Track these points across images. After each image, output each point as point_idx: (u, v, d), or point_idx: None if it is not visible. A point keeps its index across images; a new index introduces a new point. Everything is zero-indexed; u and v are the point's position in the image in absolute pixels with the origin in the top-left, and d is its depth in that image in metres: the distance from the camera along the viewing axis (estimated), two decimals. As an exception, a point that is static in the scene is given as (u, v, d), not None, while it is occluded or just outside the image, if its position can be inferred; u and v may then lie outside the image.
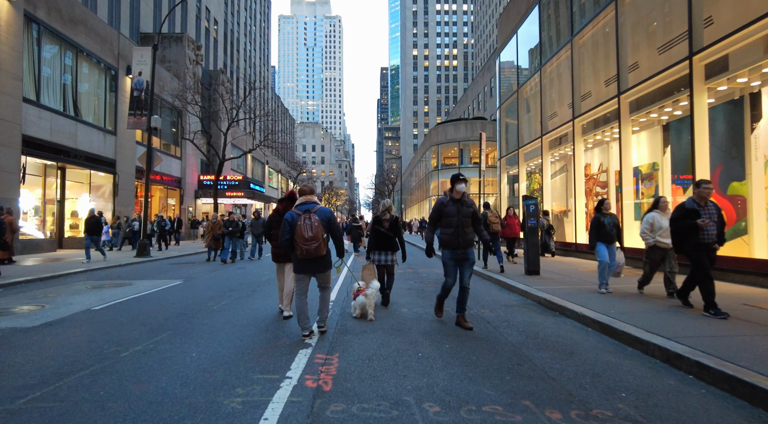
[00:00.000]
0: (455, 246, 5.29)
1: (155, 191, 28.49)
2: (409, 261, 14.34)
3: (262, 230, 14.24)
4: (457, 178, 5.26)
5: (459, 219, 5.22)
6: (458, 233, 5.25)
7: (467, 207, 5.28)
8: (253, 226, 14.94)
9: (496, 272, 10.24)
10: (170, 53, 30.74)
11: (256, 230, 14.77)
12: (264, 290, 8.27)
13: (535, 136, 17.92)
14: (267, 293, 7.99)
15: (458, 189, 5.24)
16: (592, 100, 13.66)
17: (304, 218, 4.65)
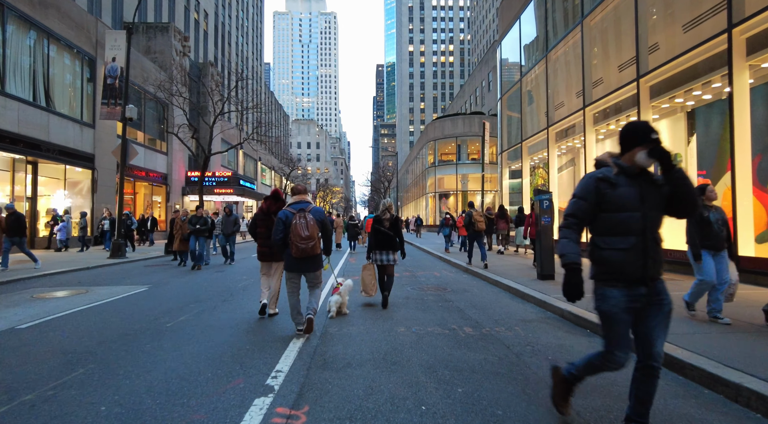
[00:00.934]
0: (638, 276, 2.45)
1: (140, 188, 27.20)
2: (405, 262, 13.18)
3: (233, 228, 12.61)
4: (646, 131, 2.47)
5: (645, 215, 2.43)
6: (644, 245, 2.43)
7: (658, 188, 2.47)
8: (223, 224, 12.76)
9: (480, 267, 9.19)
10: (156, 44, 29.39)
11: (227, 228, 12.75)
12: (236, 300, 7.08)
13: (540, 127, 16.78)
14: (239, 303, 6.81)
15: (641, 160, 2.43)
16: (604, 87, 12.53)
17: (299, 216, 4.64)
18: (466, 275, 10.47)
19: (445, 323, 5.35)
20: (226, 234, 12.83)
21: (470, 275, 10.34)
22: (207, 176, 31.24)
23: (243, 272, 11.03)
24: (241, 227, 34.30)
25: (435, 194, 44.08)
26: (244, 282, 9.17)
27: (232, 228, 12.74)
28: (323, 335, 4.86)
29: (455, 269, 11.64)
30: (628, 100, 11.29)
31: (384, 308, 6.35)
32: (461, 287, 8.41)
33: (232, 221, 12.73)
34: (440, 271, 11.23)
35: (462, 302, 6.87)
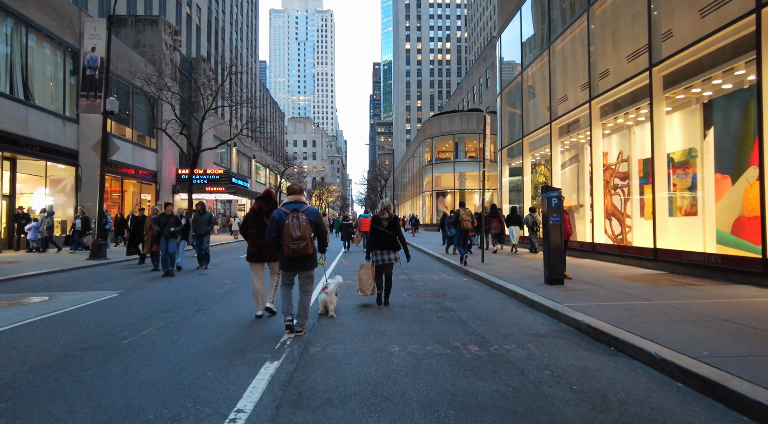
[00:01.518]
0: None
1: (128, 186, 26.36)
2: (401, 263, 12.46)
3: (207, 228, 11.23)
4: None
5: None
6: None
7: None
8: (195, 223, 11.18)
9: (478, 269, 8.43)
10: (144, 37, 28.51)
11: (200, 228, 11.21)
12: (212, 309, 6.33)
13: (542, 123, 16.07)
14: (213, 313, 6.06)
15: None
16: (613, 78, 11.83)
17: (292, 217, 4.64)
18: (466, 278, 9.76)
19: (446, 340, 4.62)
20: (199, 234, 11.32)
21: (471, 279, 9.62)
22: (198, 174, 30.43)
23: (227, 274, 10.27)
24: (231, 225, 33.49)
25: (432, 193, 43.38)
26: (227, 287, 8.42)
27: (205, 227, 11.31)
28: (303, 354, 4.12)
29: (454, 272, 10.92)
30: (640, 92, 10.58)
31: (386, 306, 6.51)
32: (462, 293, 7.69)
33: (205, 219, 11.29)
34: (439, 274, 10.51)
35: (464, 311, 6.15)
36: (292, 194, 4.99)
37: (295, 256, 4.64)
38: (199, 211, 11.28)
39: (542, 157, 17.18)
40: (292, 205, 4.83)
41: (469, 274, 10.09)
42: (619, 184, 12.38)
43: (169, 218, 10.04)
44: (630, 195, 11.85)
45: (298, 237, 4.56)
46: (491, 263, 11.65)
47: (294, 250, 4.58)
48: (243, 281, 9.17)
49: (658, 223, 9.82)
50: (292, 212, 4.70)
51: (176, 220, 10.02)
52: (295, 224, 4.59)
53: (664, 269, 9.44)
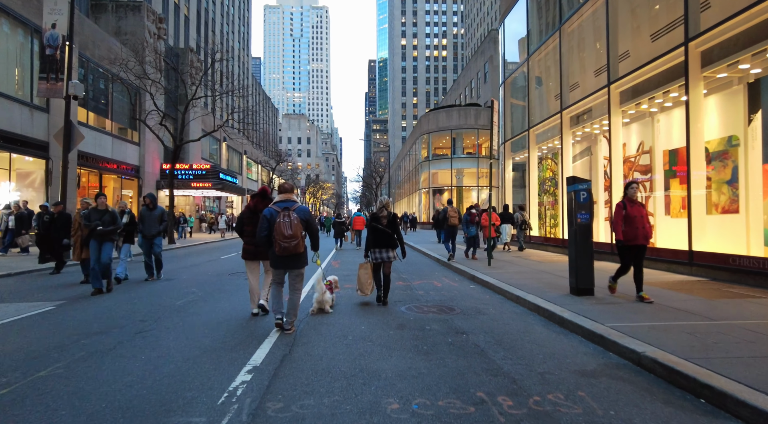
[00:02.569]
0: None
1: (108, 181, 24.85)
2: (397, 266, 11.13)
3: (159, 227, 8.75)
4: None
5: None
6: None
7: None
8: (144, 220, 8.73)
9: (483, 272, 7.12)
10: (126, 24, 26.93)
11: (149, 228, 8.71)
12: (157, 330, 4.97)
13: (550, 112, 14.78)
14: (155, 339, 4.70)
15: None
16: (633, 60, 10.55)
17: (284, 215, 4.66)
18: (473, 285, 8.43)
19: (465, 386, 3.28)
20: (147, 235, 8.73)
21: (479, 286, 8.31)
22: (183, 169, 28.97)
23: (197, 281, 8.89)
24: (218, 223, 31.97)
25: (429, 190, 42.07)
26: (190, 296, 7.05)
27: (156, 227, 8.72)
28: (253, 419, 2.77)
29: (459, 277, 9.60)
30: (671, 71, 9.28)
31: (382, 305, 6.43)
32: (472, 306, 6.36)
33: (155, 216, 8.72)
34: (441, 279, 9.19)
35: (480, 333, 4.83)
36: (284, 193, 4.99)
37: (286, 254, 4.66)
38: (148, 205, 8.83)
39: (549, 150, 15.91)
40: (283, 203, 4.84)
41: (476, 280, 8.78)
42: (639, 178, 11.11)
43: (102, 214, 7.45)
44: (653, 191, 10.60)
45: (289, 235, 4.58)
46: (499, 266, 10.35)
47: (285, 248, 4.60)
48: (212, 289, 7.81)
49: (695, 222, 8.55)
50: (283, 210, 4.70)
51: (112, 217, 7.51)
52: (286, 223, 4.61)
53: (703, 275, 8.17)
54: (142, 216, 8.78)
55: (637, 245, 6.07)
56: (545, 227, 16.28)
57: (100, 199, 7.54)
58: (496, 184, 40.05)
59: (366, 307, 6.36)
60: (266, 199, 5.80)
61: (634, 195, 6.29)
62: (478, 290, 7.84)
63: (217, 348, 4.25)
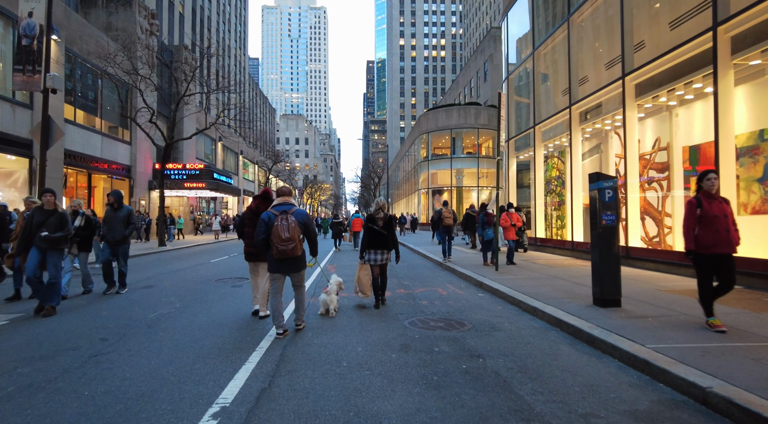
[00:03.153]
0: None
1: (98, 181, 24.05)
2: (398, 271, 10.38)
3: (125, 232, 7.33)
4: None
5: None
6: None
7: None
8: (108, 223, 7.31)
9: (494, 280, 6.38)
10: (117, 20, 26.15)
11: (113, 232, 7.29)
12: (116, 353, 4.19)
13: (558, 108, 14.05)
14: (110, 365, 3.92)
15: None
16: (650, 50, 9.82)
17: (281, 218, 4.65)
18: (482, 293, 7.68)
19: (490, 438, 2.54)
20: (111, 241, 7.32)
21: (488, 294, 7.55)
22: (176, 169, 28.18)
23: (178, 288, 8.12)
24: (212, 224, 31.08)
25: (428, 190, 41.31)
26: (167, 308, 6.28)
27: (122, 231, 7.29)
28: None
29: (465, 283, 8.84)
30: (696, 60, 8.56)
31: (382, 305, 6.47)
32: (485, 319, 5.61)
33: (121, 218, 7.29)
34: (445, 286, 8.43)
35: (499, 356, 4.08)
36: (281, 196, 4.96)
37: (284, 257, 4.64)
38: (113, 204, 7.31)
39: (556, 148, 15.20)
40: (281, 206, 4.82)
41: (484, 287, 8.02)
42: (655, 177, 10.41)
43: (49, 215, 6.12)
44: (670, 190, 9.88)
45: (286, 238, 4.57)
46: (507, 271, 9.60)
47: (283, 251, 4.58)
48: (193, 298, 7.04)
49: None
50: (281, 213, 4.71)
51: (60, 219, 6.14)
52: (284, 226, 4.60)
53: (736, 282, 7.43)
54: (106, 218, 7.33)
55: (719, 253, 4.67)
56: (551, 229, 15.57)
57: (46, 197, 6.23)
58: (501, 185, 39.42)
59: (364, 315, 5.68)
60: (268, 200, 5.70)
61: (713, 188, 4.76)
62: (487, 299, 7.09)
63: (182, 379, 3.49)
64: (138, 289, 8.02)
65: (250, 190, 51.22)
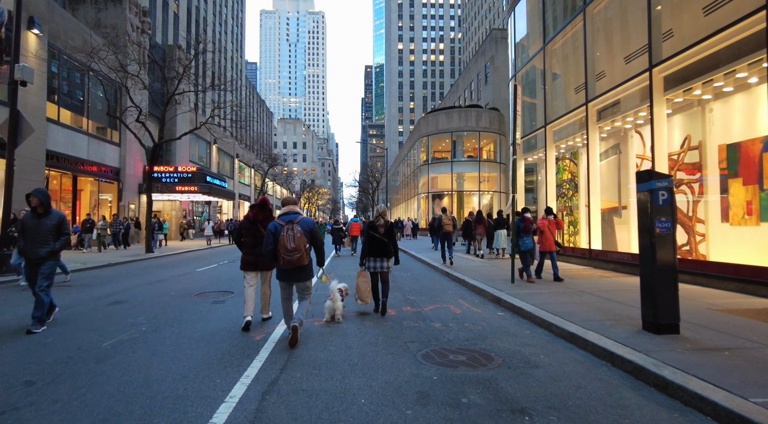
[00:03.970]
0: None
1: (84, 184, 22.99)
2: (401, 282, 9.34)
3: (55, 247, 5.47)
4: None
5: None
6: None
7: None
8: (28, 233, 5.42)
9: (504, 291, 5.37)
10: (106, 17, 25.17)
11: (34, 246, 5.41)
12: (31, 412, 3.14)
13: (572, 106, 13.09)
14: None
15: None
16: (682, 39, 8.87)
17: (287, 228, 4.71)
18: (502, 311, 6.63)
19: None
20: (30, 258, 5.43)
21: (508, 312, 6.51)
22: (168, 172, 27.13)
23: (150, 305, 7.04)
24: (204, 229, 29.92)
25: (428, 195, 40.30)
26: (128, 333, 5.21)
27: (47, 245, 5.44)
28: None
29: (479, 298, 7.80)
30: (741, 46, 7.60)
31: (382, 315, 6.25)
32: (515, 350, 4.56)
33: (48, 227, 5.45)
34: (457, 301, 7.39)
35: (550, 413, 3.02)
36: (287, 205, 5.01)
37: (291, 267, 4.67)
38: (35, 209, 5.47)
39: (568, 149, 14.25)
40: (287, 216, 4.86)
41: (502, 303, 6.98)
42: (684, 179, 9.43)
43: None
44: (704, 194, 8.90)
45: (292, 249, 4.60)
46: (524, 284, 8.57)
47: (289, 261, 4.62)
48: (166, 318, 5.99)
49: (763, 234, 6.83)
50: (287, 223, 4.75)
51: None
52: (289, 236, 4.64)
53: None
54: (25, 227, 5.44)
55: None
56: (563, 235, 14.58)
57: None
58: (503, 189, 38.41)
59: (367, 342, 4.75)
60: (266, 209, 5.68)
61: None
62: (509, 319, 6.05)
63: None
64: (105, 306, 6.95)
65: (246, 195, 50.12)
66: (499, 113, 38.12)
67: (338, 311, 5.82)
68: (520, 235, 9.11)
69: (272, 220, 5.21)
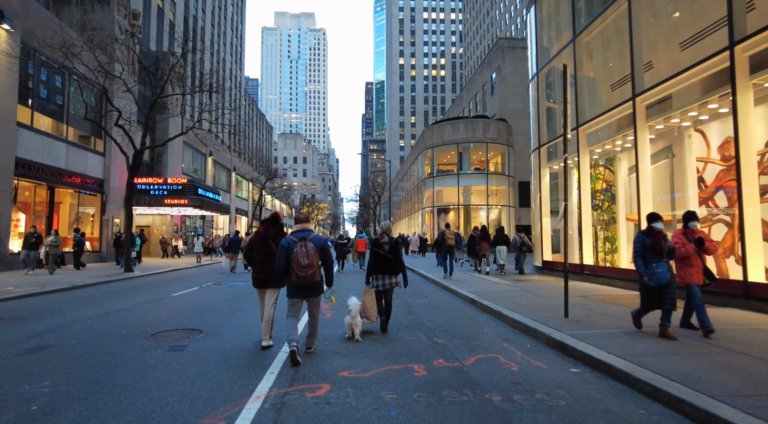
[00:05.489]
0: None
1: (63, 197, 21.13)
2: (421, 315, 7.33)
3: None
4: None
5: None
6: None
7: None
8: None
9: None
10: (93, 18, 23.55)
11: None
12: None
13: (614, 102, 11.24)
14: None
15: None
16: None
17: (300, 245, 4.73)
18: (574, 364, 4.61)
19: None
20: None
21: (585, 367, 4.50)
22: (156, 183, 25.24)
23: (70, 360, 5.05)
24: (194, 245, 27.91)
25: (433, 209, 38.37)
26: (6, 416, 3.24)
27: None
28: None
29: (529, 340, 5.77)
30: None
31: (384, 333, 6.12)
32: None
33: None
34: (502, 347, 5.39)
35: None
36: (299, 223, 5.02)
37: (304, 283, 4.71)
38: None
39: (602, 155, 12.43)
40: (300, 233, 4.88)
41: (568, 351, 4.97)
42: None
43: None
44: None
45: (305, 265, 4.63)
46: (582, 317, 6.57)
47: (302, 277, 4.64)
48: (86, 383, 4.00)
49: None
50: (300, 240, 4.75)
51: None
52: (303, 253, 4.66)
53: None
54: None
55: None
56: (597, 252, 12.65)
57: None
58: (512, 203, 36.50)
59: None
60: (277, 224, 5.60)
61: None
62: (594, 381, 4.05)
63: None
64: (14, 356, 4.95)
65: (244, 209, 48.23)
66: (507, 124, 36.47)
67: (357, 328, 5.76)
68: (648, 258, 5.62)
69: (284, 236, 5.24)
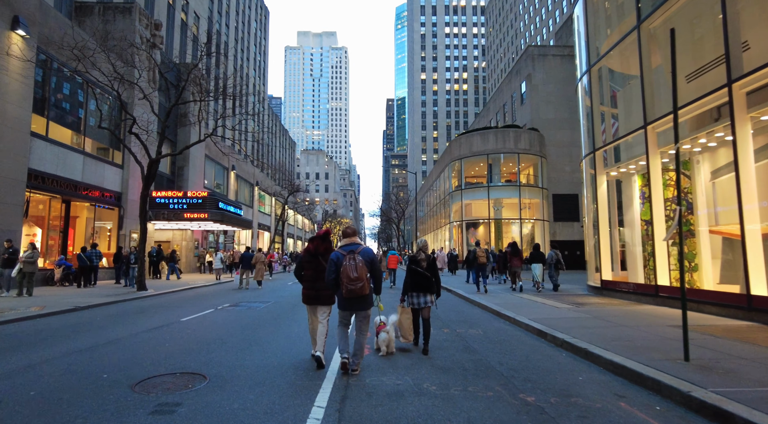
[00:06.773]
0: None
1: (80, 210, 20.29)
2: (484, 353, 5.64)
3: None
4: None
5: None
6: None
7: None
8: None
9: None
10: (115, 28, 23.03)
11: None
12: None
13: (696, 94, 9.47)
14: None
15: None
16: None
17: (349, 258, 4.81)
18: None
19: None
20: None
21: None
22: (176, 197, 24.31)
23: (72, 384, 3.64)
24: (212, 261, 26.78)
25: (461, 223, 36.53)
26: None
27: None
28: None
29: (655, 397, 4.04)
30: None
31: (425, 354, 5.90)
32: None
33: None
34: (621, 409, 3.69)
35: None
36: (347, 237, 5.13)
37: (353, 296, 4.77)
38: None
39: (672, 159, 10.55)
40: (349, 247, 4.96)
41: (729, 421, 3.27)
42: None
43: None
44: None
45: (355, 278, 4.68)
46: (713, 361, 4.80)
47: (351, 290, 4.70)
48: None
49: None
50: (348, 253, 4.84)
51: None
52: (351, 265, 4.73)
53: None
54: None
55: None
56: (670, 271, 10.74)
57: None
58: (546, 217, 34.40)
59: None
60: (326, 241, 5.43)
61: None
62: None
63: None
64: None
65: (266, 224, 47.30)
66: (539, 134, 34.64)
67: (391, 343, 5.79)
68: None
69: (332, 251, 5.15)
